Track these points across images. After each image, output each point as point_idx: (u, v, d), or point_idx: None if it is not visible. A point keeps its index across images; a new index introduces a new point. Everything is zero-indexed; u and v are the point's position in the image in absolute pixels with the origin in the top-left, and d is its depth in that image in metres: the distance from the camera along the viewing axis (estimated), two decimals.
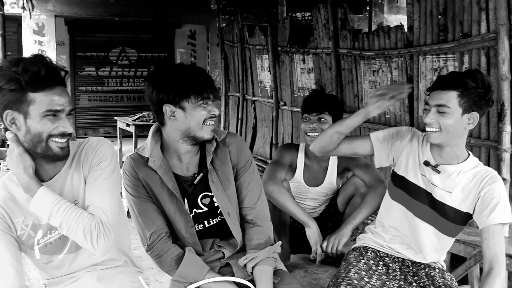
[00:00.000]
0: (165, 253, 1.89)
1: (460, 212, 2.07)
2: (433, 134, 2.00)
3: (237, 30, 7.78)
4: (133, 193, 1.93)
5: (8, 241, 1.71)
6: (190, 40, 11.13)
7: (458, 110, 1.95)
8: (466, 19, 3.72)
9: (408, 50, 4.33)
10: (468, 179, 2.04)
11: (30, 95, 1.59)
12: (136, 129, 7.13)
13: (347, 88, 5.25)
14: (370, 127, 4.87)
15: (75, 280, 1.81)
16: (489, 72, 3.51)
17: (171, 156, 1.95)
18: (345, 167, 2.90)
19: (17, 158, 1.63)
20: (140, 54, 10.95)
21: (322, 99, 2.88)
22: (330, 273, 2.80)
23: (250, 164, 2.04)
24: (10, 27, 9.43)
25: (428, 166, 2.09)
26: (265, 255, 1.92)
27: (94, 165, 1.77)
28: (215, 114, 1.88)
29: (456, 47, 3.80)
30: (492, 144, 3.52)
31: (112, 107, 10.77)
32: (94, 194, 1.73)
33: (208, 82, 1.87)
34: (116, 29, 10.56)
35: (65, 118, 1.65)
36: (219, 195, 1.95)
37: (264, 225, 2.01)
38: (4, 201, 1.73)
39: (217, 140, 1.97)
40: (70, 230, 1.65)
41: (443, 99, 1.95)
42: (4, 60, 1.68)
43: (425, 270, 2.16)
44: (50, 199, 1.65)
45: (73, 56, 10.42)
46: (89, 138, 1.85)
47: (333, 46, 5.32)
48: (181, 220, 1.93)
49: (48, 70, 1.60)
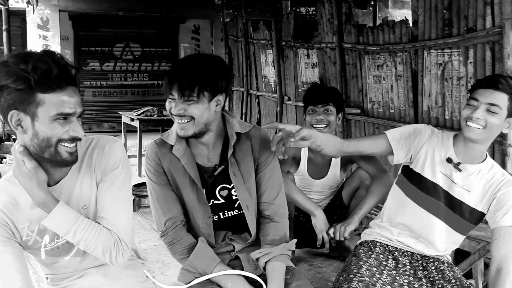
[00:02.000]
0: (178, 241, 1.90)
1: (476, 211, 2.09)
2: (477, 130, 2.00)
3: (241, 24, 7.78)
4: (154, 179, 1.93)
5: (13, 247, 1.61)
6: (194, 35, 11.12)
7: (505, 112, 1.97)
8: (471, 14, 3.71)
9: (412, 45, 4.32)
10: (487, 180, 2.07)
11: (39, 95, 1.44)
12: (141, 124, 7.13)
13: (352, 83, 5.25)
14: (375, 122, 4.88)
15: (81, 276, 1.76)
16: (494, 67, 3.50)
17: (194, 146, 1.95)
18: (349, 159, 2.93)
19: (30, 172, 1.50)
20: (144, 49, 10.95)
21: (326, 91, 2.95)
22: (334, 267, 2.81)
23: (271, 159, 2.02)
24: (15, 21, 9.43)
25: (451, 163, 2.10)
26: (280, 251, 1.91)
27: (107, 171, 1.67)
28: (172, 112, 1.82)
29: (461, 41, 3.79)
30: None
31: (117, 101, 10.78)
32: (111, 208, 1.64)
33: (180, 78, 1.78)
34: (120, 24, 10.56)
35: (76, 121, 1.52)
36: (240, 188, 1.95)
37: (281, 221, 2.00)
38: (6, 206, 1.60)
39: (239, 133, 1.95)
40: (88, 247, 1.59)
41: (497, 99, 1.96)
42: (10, 55, 1.47)
43: (434, 263, 2.17)
44: (68, 217, 1.55)
45: (77, 51, 10.42)
46: (98, 138, 1.73)
47: (338, 41, 5.31)
48: (199, 209, 1.93)
49: (59, 69, 1.45)
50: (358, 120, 5.17)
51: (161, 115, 7.46)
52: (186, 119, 1.80)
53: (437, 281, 2.09)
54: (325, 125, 2.86)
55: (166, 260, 3.72)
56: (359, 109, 5.12)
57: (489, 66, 3.55)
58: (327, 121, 2.82)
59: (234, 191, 1.97)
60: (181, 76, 1.78)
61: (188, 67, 1.81)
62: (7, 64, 1.43)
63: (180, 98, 1.77)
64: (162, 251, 3.93)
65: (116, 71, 10.87)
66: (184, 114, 1.79)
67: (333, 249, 3.21)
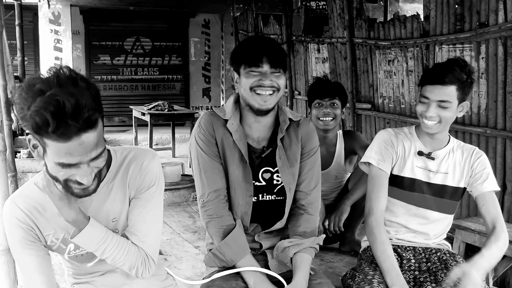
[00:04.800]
0: (219, 218, 1.92)
1: (459, 189, 2.21)
2: (434, 125, 2.09)
3: (252, 19, 7.78)
4: (205, 149, 1.95)
5: (37, 249, 1.59)
6: (204, 29, 11.13)
7: (456, 102, 2.06)
8: (483, 9, 3.70)
9: (424, 40, 4.31)
10: (459, 157, 2.21)
11: (44, 138, 1.32)
12: (152, 118, 7.17)
13: (362, 78, 5.24)
14: (385, 117, 4.88)
15: (103, 274, 1.75)
16: (506, 62, 3.50)
17: (245, 126, 2.00)
18: (351, 149, 3.06)
19: (60, 193, 1.45)
20: (154, 43, 10.96)
21: (332, 85, 3.10)
22: (346, 262, 2.84)
23: (314, 152, 2.07)
24: (27, 16, 9.50)
25: (423, 155, 2.19)
26: (310, 244, 1.94)
27: (143, 189, 1.64)
28: (263, 84, 1.87)
29: (473, 36, 3.78)
30: (508, 134, 3.51)
31: (127, 96, 10.83)
32: (142, 226, 1.63)
33: (263, 50, 1.87)
34: (130, 19, 10.58)
35: (84, 167, 1.38)
36: (284, 171, 1.98)
37: (314, 214, 2.04)
38: (32, 212, 1.57)
39: (291, 119, 2.02)
40: (116, 263, 1.60)
41: (445, 95, 2.03)
42: (29, 81, 1.33)
43: (437, 254, 2.22)
44: (98, 236, 1.53)
45: (88, 45, 10.46)
46: (136, 151, 1.67)
47: (348, 36, 5.30)
48: (242, 186, 1.96)
49: (58, 123, 1.26)
50: (368, 115, 5.17)
51: (171, 109, 7.49)
52: (271, 91, 1.88)
53: (439, 271, 2.11)
54: (332, 118, 3.01)
55: (178, 254, 3.76)
56: (370, 104, 5.12)
57: (501, 61, 3.54)
58: (333, 114, 2.98)
59: (276, 176, 2.01)
60: (270, 50, 1.88)
61: (270, 42, 1.93)
62: (31, 88, 1.31)
63: (270, 69, 1.87)
64: (174, 245, 3.97)
65: (127, 65, 10.90)
66: (272, 86, 1.88)
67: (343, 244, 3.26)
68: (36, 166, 6.09)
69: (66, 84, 1.30)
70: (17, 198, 1.59)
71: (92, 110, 1.31)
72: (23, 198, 1.58)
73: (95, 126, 1.34)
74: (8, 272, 1.64)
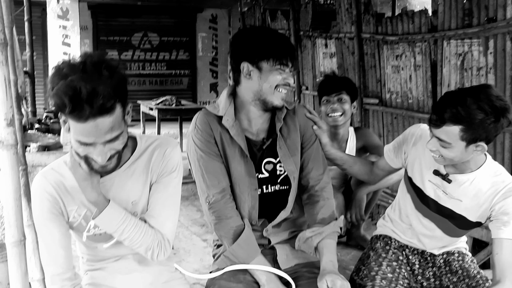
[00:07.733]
0: (227, 219, 1.91)
1: (470, 222, 2.00)
2: (438, 159, 1.89)
3: (259, 14, 7.77)
4: (204, 149, 1.93)
5: (60, 224, 1.67)
6: (211, 24, 11.13)
7: (461, 144, 1.77)
8: (491, 4, 3.68)
9: (432, 35, 4.30)
10: (482, 189, 1.92)
11: (65, 116, 1.46)
12: (159, 113, 7.18)
13: (370, 73, 5.24)
14: (393, 112, 4.87)
15: (116, 260, 1.80)
16: None
17: (242, 120, 1.97)
18: (362, 147, 3.08)
19: (84, 174, 1.56)
20: (162, 38, 10.98)
21: (339, 80, 3.09)
22: (353, 255, 2.86)
23: (315, 138, 2.08)
24: (35, 12, 9.54)
25: (438, 175, 1.99)
26: (331, 230, 1.94)
27: (164, 174, 1.72)
28: (289, 83, 1.89)
29: (481, 31, 3.77)
30: None
31: (135, 90, 10.86)
32: (161, 210, 1.71)
33: (290, 50, 1.88)
34: (138, 14, 10.60)
35: (100, 147, 1.49)
36: (286, 161, 1.97)
37: (329, 197, 2.03)
38: (59, 185, 1.66)
39: (287, 108, 2.00)
40: (132, 245, 1.67)
41: (443, 134, 1.78)
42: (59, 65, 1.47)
43: (443, 256, 2.17)
44: (117, 218, 1.61)
45: (96, 41, 10.49)
46: (161, 140, 1.76)
47: (356, 31, 5.30)
48: (246, 181, 1.95)
49: (74, 106, 1.38)
50: (376, 110, 5.17)
51: (179, 104, 7.51)
52: (288, 89, 1.91)
53: (443, 276, 2.08)
54: (340, 113, 2.98)
55: (187, 247, 3.79)
56: (377, 99, 5.12)
57: (509, 56, 3.53)
58: (341, 110, 2.95)
59: (279, 166, 2.00)
60: (292, 48, 1.90)
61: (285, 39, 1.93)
62: (59, 71, 1.44)
63: (290, 68, 1.89)
64: (182, 238, 4.00)
65: (134, 60, 10.93)
66: (290, 84, 1.91)
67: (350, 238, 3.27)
68: (46, 160, 6.13)
69: (90, 71, 1.41)
70: (47, 172, 1.69)
71: (108, 97, 1.41)
72: (52, 173, 1.68)
73: (111, 112, 1.44)
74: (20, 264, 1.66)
